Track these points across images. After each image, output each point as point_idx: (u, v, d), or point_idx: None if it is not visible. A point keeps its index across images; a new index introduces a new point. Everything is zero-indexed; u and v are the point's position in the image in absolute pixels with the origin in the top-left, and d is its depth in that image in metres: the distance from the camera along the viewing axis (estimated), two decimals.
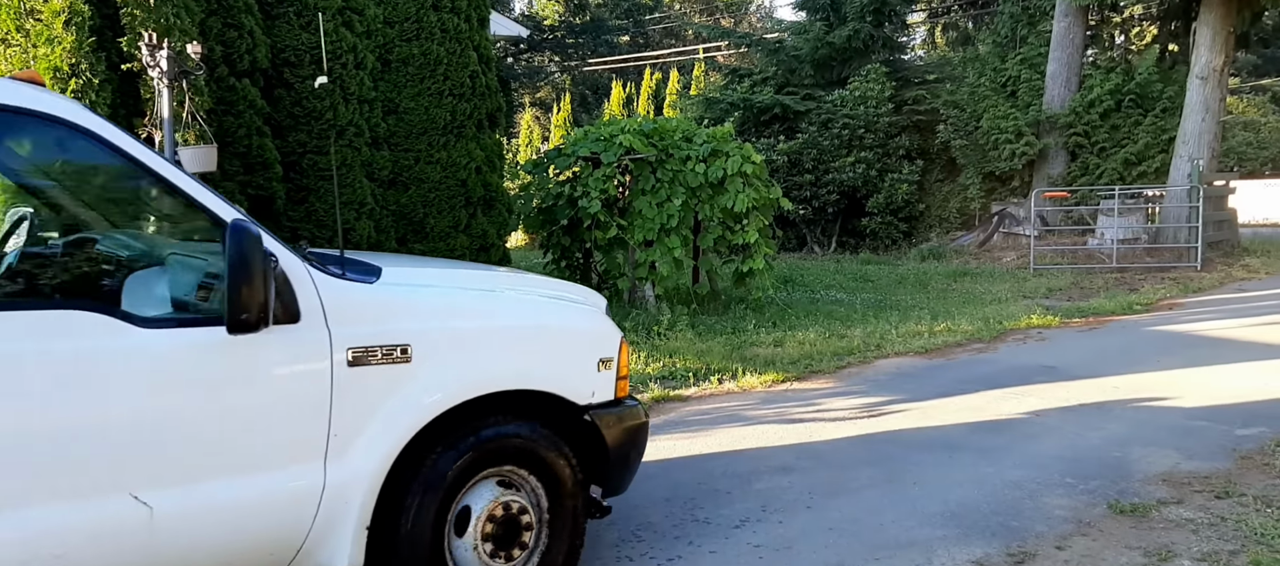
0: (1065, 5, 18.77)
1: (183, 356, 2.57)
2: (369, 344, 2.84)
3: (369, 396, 2.85)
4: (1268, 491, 4.65)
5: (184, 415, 2.57)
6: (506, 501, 3.16)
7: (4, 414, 2.32)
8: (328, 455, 2.79)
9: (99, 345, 2.44)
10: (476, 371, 3.09)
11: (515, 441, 3.18)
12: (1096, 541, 4.05)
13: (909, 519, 4.38)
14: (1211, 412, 6.32)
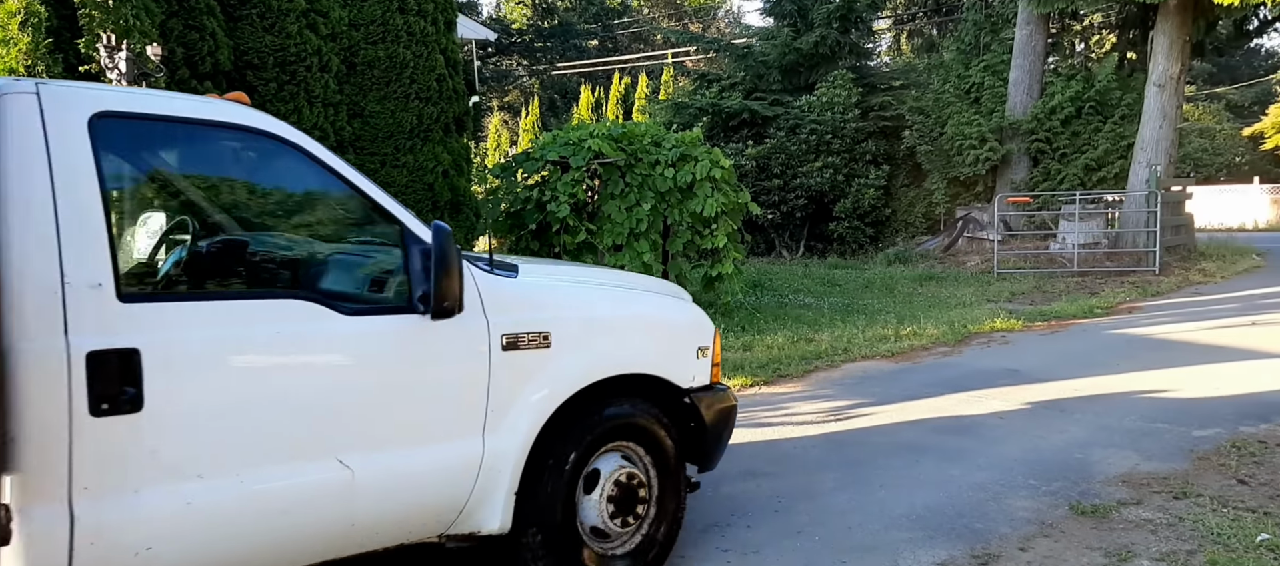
0: (1027, 13, 19.09)
1: (375, 340, 2.96)
2: (518, 331, 3.26)
3: (518, 377, 3.25)
4: (1224, 492, 4.75)
5: (377, 391, 2.97)
6: (628, 473, 3.59)
7: (244, 384, 2.71)
8: (485, 429, 3.20)
9: (312, 329, 2.83)
10: (603, 356, 3.52)
11: (631, 420, 3.59)
12: (1058, 542, 4.11)
13: (875, 522, 4.41)
14: (1169, 414, 6.45)
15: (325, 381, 2.89)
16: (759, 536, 4.24)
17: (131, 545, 2.51)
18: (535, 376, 3.30)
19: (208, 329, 2.67)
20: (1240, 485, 4.86)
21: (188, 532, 2.63)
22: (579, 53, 43.34)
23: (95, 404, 2.43)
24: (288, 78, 8.30)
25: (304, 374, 2.86)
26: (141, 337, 2.51)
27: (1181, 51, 16.78)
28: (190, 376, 2.62)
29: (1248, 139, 34.76)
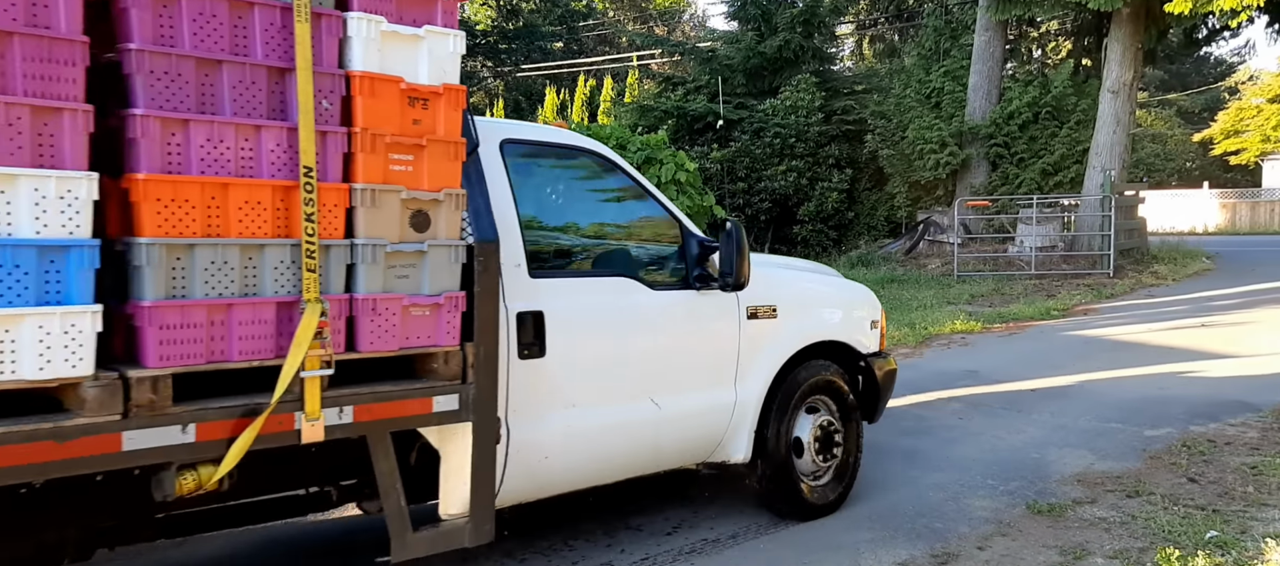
0: (986, 20, 19.38)
1: (669, 308, 4.01)
2: (757, 304, 4.28)
3: (756, 340, 4.27)
4: (1175, 490, 4.86)
5: (672, 347, 4.02)
6: (826, 419, 4.56)
7: (606, 341, 3.78)
8: (736, 380, 4.23)
9: (635, 299, 3.89)
10: (811, 327, 4.54)
11: (826, 377, 4.57)
12: (1016, 541, 4.18)
13: (837, 522, 4.45)
14: (1123, 414, 6.59)
15: (643, 337, 3.93)
16: (722, 538, 4.26)
17: (538, 454, 3.49)
18: (767, 340, 4.33)
19: (578, 297, 3.70)
20: (1190, 483, 4.98)
21: (570, 449, 3.63)
22: (544, 54, 43.19)
23: (520, 351, 3.40)
24: None
25: (631, 332, 3.88)
26: (544, 303, 3.49)
27: (1134, 59, 17.16)
28: (571, 331, 3.58)
29: (1198, 144, 35.68)
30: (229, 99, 2.60)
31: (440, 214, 3.01)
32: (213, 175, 2.55)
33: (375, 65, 2.84)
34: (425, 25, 2.95)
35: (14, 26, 2.22)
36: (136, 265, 2.44)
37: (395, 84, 2.88)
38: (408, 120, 2.93)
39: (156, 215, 2.45)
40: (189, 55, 2.52)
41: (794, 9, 23.12)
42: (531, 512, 4.52)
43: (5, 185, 2.19)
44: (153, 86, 2.46)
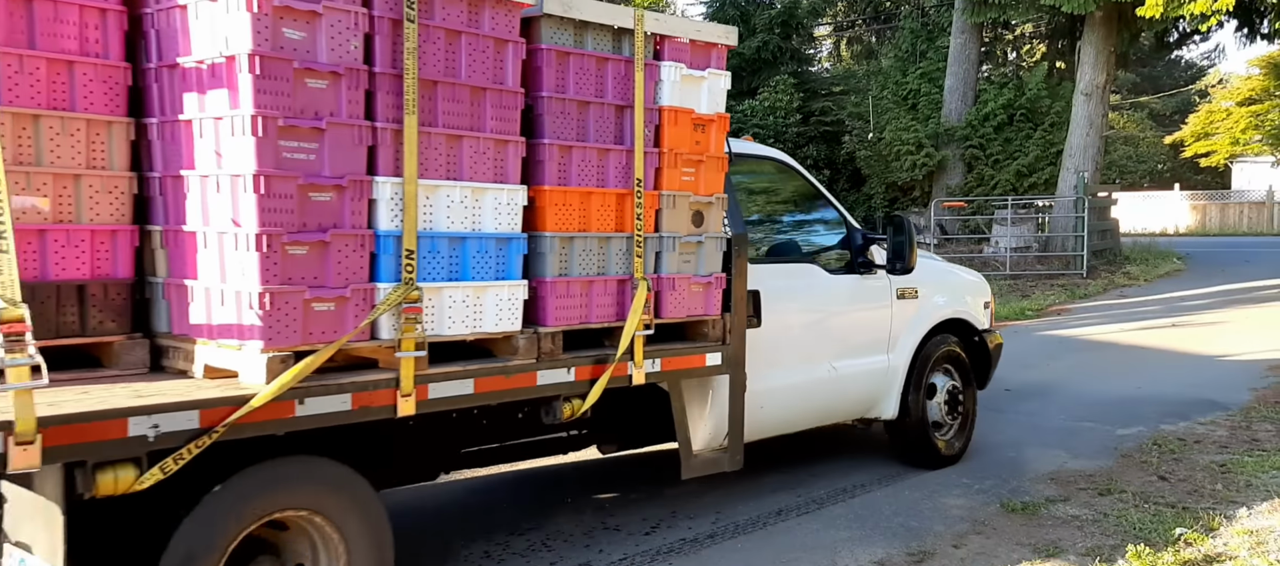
0: (961, 22, 19.57)
1: (840, 288, 4.95)
2: (904, 287, 5.18)
3: (903, 316, 5.19)
4: (1146, 488, 4.93)
5: (843, 320, 4.94)
6: (952, 385, 5.46)
7: (802, 316, 4.71)
8: (888, 349, 5.13)
9: (818, 281, 4.85)
10: (942, 306, 5.44)
11: (952, 349, 5.47)
12: (990, 539, 4.22)
13: (814, 522, 4.48)
14: (1095, 413, 6.67)
15: (824, 313, 4.85)
16: (700, 537, 4.27)
17: (756, 404, 4.30)
18: (911, 317, 5.23)
19: (780, 279, 4.54)
20: (1161, 481, 5.05)
21: (776, 401, 4.52)
22: None
23: (748, 321, 4.18)
24: None
25: (816, 308, 4.81)
26: (760, 284, 4.29)
27: (1107, 62, 17.38)
28: (776, 306, 4.43)
29: (1169, 147, 36.16)
30: (593, 130, 3.48)
31: (711, 213, 3.91)
32: (583, 186, 3.45)
33: (677, 101, 3.72)
34: (707, 69, 3.83)
35: (487, 84, 3.13)
36: (540, 252, 3.35)
37: (688, 114, 3.77)
38: (693, 141, 3.81)
39: (553, 216, 3.35)
40: (572, 99, 3.41)
41: (772, 10, 23.22)
42: (508, 511, 4.51)
43: (478, 195, 3.12)
44: (552, 122, 3.35)
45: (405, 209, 2.90)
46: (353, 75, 2.80)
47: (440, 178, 3.03)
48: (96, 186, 2.81)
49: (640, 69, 3.54)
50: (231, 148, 2.68)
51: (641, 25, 3.56)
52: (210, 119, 2.75)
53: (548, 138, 3.33)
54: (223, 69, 2.70)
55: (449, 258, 3.06)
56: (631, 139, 3.55)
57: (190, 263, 2.88)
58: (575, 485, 5.07)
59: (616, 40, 3.52)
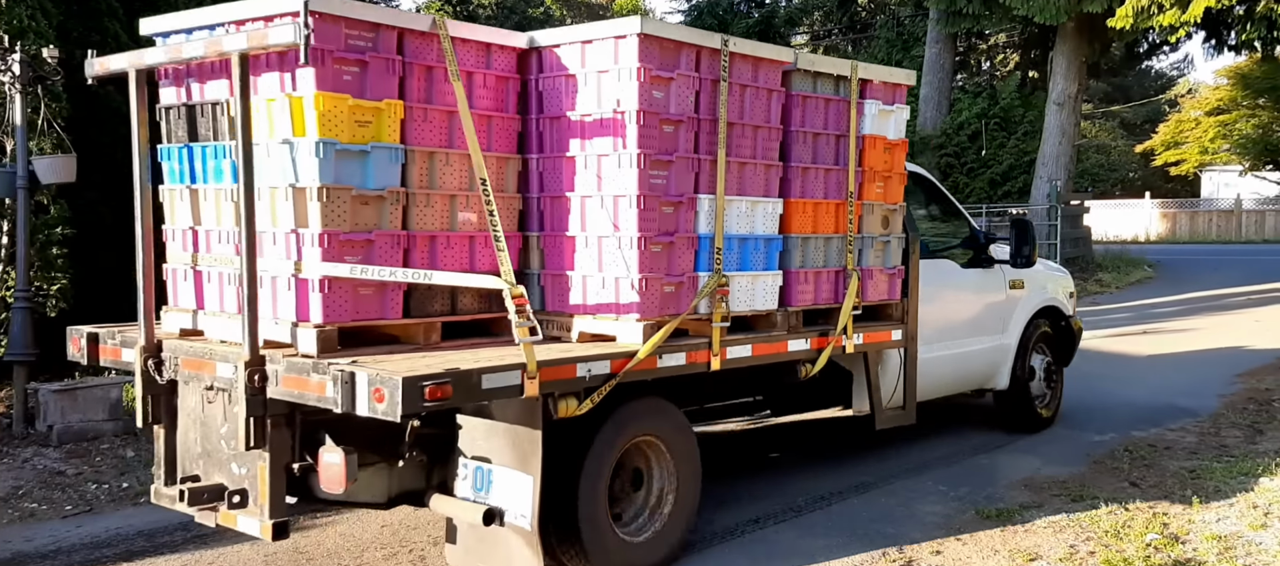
0: (936, 32, 19.80)
1: (968, 279, 6.00)
2: (1014, 278, 6.24)
3: (1015, 303, 6.28)
4: (1117, 494, 5.00)
5: (970, 306, 5.98)
6: (1047, 361, 6.59)
7: (943, 302, 5.64)
8: (1003, 332, 6.18)
9: (952, 272, 5.87)
10: (1042, 295, 6.53)
11: (1046, 332, 6.55)
12: (966, 545, 4.27)
13: (792, 529, 4.50)
14: (1068, 420, 6.76)
15: (958, 299, 5.89)
16: (678, 544, 4.28)
17: (919, 371, 5.26)
18: (1020, 303, 6.32)
19: (927, 270, 5.36)
20: (1132, 487, 5.13)
21: (928, 371, 5.39)
22: None
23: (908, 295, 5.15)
24: None
25: (953, 295, 5.83)
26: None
27: (1079, 72, 17.64)
28: (927, 293, 5.30)
29: (1140, 155, 36.71)
30: (821, 155, 4.56)
31: (895, 218, 4.98)
32: (814, 198, 4.52)
33: (874, 130, 4.76)
34: (894, 104, 4.87)
35: (761, 123, 4.26)
36: (788, 249, 4.42)
37: (882, 140, 4.81)
38: (883, 161, 4.83)
39: (796, 221, 4.45)
40: (809, 132, 4.49)
41: (749, 19, 23.40)
42: None
43: (754, 206, 4.25)
44: (797, 149, 4.44)
45: (716, 218, 4.07)
46: (689, 122, 3.98)
47: (733, 194, 4.16)
48: (502, 206, 3.81)
49: (854, 106, 4.63)
50: (615, 176, 3.82)
51: (856, 73, 4.66)
52: (594, 156, 3.89)
53: (794, 161, 4.43)
54: (611, 121, 3.82)
55: (737, 254, 4.22)
56: (845, 160, 4.65)
57: (567, 259, 4.00)
58: None
59: (836, 85, 4.62)
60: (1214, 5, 13.56)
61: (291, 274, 3.47)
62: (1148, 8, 14.16)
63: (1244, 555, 4.02)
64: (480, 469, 3.65)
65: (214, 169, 3.78)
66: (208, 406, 3.65)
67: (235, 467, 3.55)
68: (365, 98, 3.47)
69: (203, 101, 3.81)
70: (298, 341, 3.43)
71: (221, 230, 3.77)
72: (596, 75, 3.85)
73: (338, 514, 4.59)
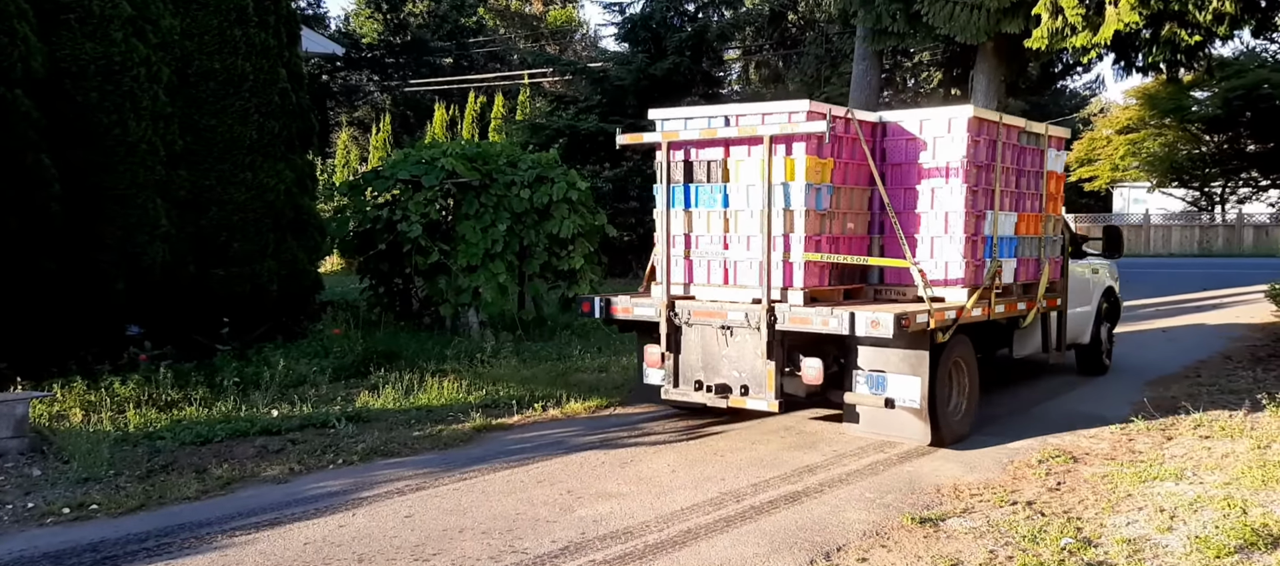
0: (863, 49, 20.25)
1: (1075, 266, 8.51)
2: (1094, 265, 9.32)
3: (1095, 282, 9.24)
4: (1036, 498, 5.17)
5: (1077, 284, 8.55)
6: (1108, 325, 9.52)
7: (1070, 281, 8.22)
8: (1089, 303, 9.04)
9: (1069, 262, 8.19)
10: (1107, 280, 9.49)
11: (1106, 305, 9.38)
12: (893, 552, 4.36)
13: (724, 538, 4.53)
14: (989, 427, 6.97)
15: (1073, 280, 8.27)
16: (612, 558, 4.27)
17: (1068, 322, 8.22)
18: (1097, 283, 9.20)
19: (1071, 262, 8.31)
20: (1050, 493, 5.31)
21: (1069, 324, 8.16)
22: (433, 70, 42.49)
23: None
24: (112, 88, 7.72)
25: (1071, 276, 8.19)
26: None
27: (998, 90, 18.26)
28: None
29: None
30: (1030, 184, 7.17)
31: (1059, 224, 7.70)
32: (1027, 212, 7.11)
33: (1052, 167, 7.47)
34: (1062, 149, 7.70)
35: (1010, 166, 6.94)
36: (1017, 245, 6.96)
37: (1055, 174, 7.52)
38: (1055, 187, 7.54)
39: (1021, 227, 7.04)
40: (1027, 170, 7.12)
41: (682, 33, 23.55)
42: None
43: (1007, 217, 6.85)
44: (1022, 180, 7.08)
45: (994, 225, 6.66)
46: (985, 167, 6.58)
47: (1001, 210, 6.76)
48: (855, 220, 6.61)
49: (1047, 152, 7.38)
50: (946, 199, 6.44)
51: (1047, 131, 7.38)
52: (929, 188, 6.52)
53: (1021, 189, 7.09)
54: (944, 166, 6.45)
55: (1000, 248, 6.73)
56: (1040, 187, 7.34)
57: (902, 251, 6.35)
58: (481, 510, 5.01)
59: (1036, 139, 7.25)
60: (1122, 28, 14.21)
61: (782, 259, 6.18)
62: (1061, 29, 14.76)
63: (1152, 557, 4.20)
64: (874, 376, 6.18)
65: (707, 198, 6.51)
66: (715, 338, 6.32)
67: (735, 374, 6.24)
68: (821, 157, 6.20)
69: (698, 159, 6.53)
70: (788, 299, 6.16)
71: (710, 235, 6.53)
72: (933, 138, 6.53)
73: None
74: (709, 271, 6.54)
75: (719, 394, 6.20)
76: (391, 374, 8.37)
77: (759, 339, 6.00)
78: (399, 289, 11.55)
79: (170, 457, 6.00)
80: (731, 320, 6.14)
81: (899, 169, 6.64)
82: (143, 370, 7.67)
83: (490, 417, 7.17)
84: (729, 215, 6.37)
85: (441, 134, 32.04)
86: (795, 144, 6.07)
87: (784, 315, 6.00)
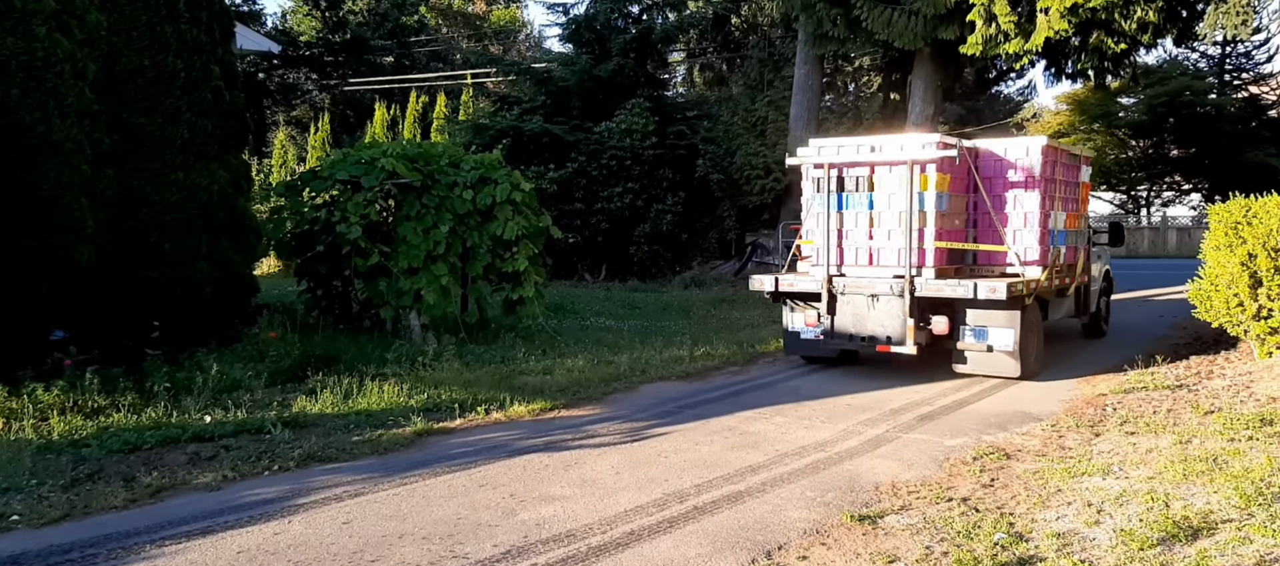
0: (804, 53, 20.54)
1: (1098, 252, 11.70)
2: (1099, 250, 11.69)
3: (1100, 266, 11.75)
4: (971, 495, 5.30)
5: (1103, 260, 12.06)
6: (1107, 299, 12.45)
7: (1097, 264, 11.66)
8: (1099, 280, 11.78)
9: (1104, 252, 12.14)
10: (1107, 261, 12.22)
11: (1107, 284, 12.28)
12: (832, 550, 4.43)
13: (666, 539, 4.55)
14: (926, 425, 7.12)
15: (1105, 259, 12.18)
16: (554, 561, 4.25)
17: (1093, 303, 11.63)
18: (1100, 268, 11.74)
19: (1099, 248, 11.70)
20: (984, 489, 5.45)
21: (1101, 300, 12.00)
22: (373, 69, 41.82)
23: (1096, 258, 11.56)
24: (35, 85, 7.44)
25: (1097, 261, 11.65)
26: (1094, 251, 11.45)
27: (935, 95, 18.69)
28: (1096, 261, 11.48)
29: None
30: (1072, 191, 10.11)
31: (1086, 220, 10.68)
32: (1070, 212, 9.99)
33: (1084, 179, 10.48)
34: (1088, 165, 10.69)
35: (1063, 178, 9.82)
36: (1063, 237, 9.80)
37: (1086, 184, 10.59)
38: (1085, 193, 10.61)
39: (1067, 222, 9.90)
40: (1063, 181, 9.79)
41: (626, 35, 23.60)
42: None
43: (1059, 216, 9.67)
44: (1060, 190, 9.69)
45: (1052, 222, 9.31)
46: (1050, 179, 9.31)
47: (1058, 210, 9.50)
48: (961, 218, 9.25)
49: (1082, 168, 10.22)
50: (1027, 203, 9.11)
51: (1084, 151, 10.30)
52: (1013, 195, 9.17)
53: (1067, 195, 9.71)
54: (1023, 180, 9.11)
55: (1058, 239, 9.39)
56: (1078, 194, 10.05)
57: (991, 242, 9.19)
58: (422, 515, 4.94)
59: (1074, 158, 9.97)
60: (1053, 36, 14.66)
61: (917, 246, 8.61)
62: (995, 36, 15.16)
63: (1080, 551, 4.33)
64: (977, 330, 8.68)
65: (856, 203, 8.98)
66: (863, 304, 8.87)
67: (880, 330, 8.77)
68: (944, 173, 8.68)
69: (849, 175, 8.99)
70: (923, 274, 8.61)
71: (858, 230, 8.98)
72: (1016, 158, 9.15)
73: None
74: (856, 256, 9.03)
75: (868, 344, 8.90)
76: (330, 378, 8.21)
77: (902, 303, 8.61)
78: (338, 291, 11.35)
79: (96, 466, 5.80)
80: (877, 290, 8.76)
81: (989, 181, 9.24)
82: (68, 376, 7.40)
83: (432, 422, 7.09)
84: (873, 215, 8.88)
85: (382, 134, 31.57)
86: (929, 165, 8.60)
87: (922, 285, 8.55)
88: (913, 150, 8.57)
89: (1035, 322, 9.10)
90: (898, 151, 8.62)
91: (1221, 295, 8.78)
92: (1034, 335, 9.06)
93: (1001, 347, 8.56)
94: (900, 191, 8.64)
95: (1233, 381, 8.16)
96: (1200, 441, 6.10)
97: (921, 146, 8.56)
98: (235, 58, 10.28)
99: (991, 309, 8.45)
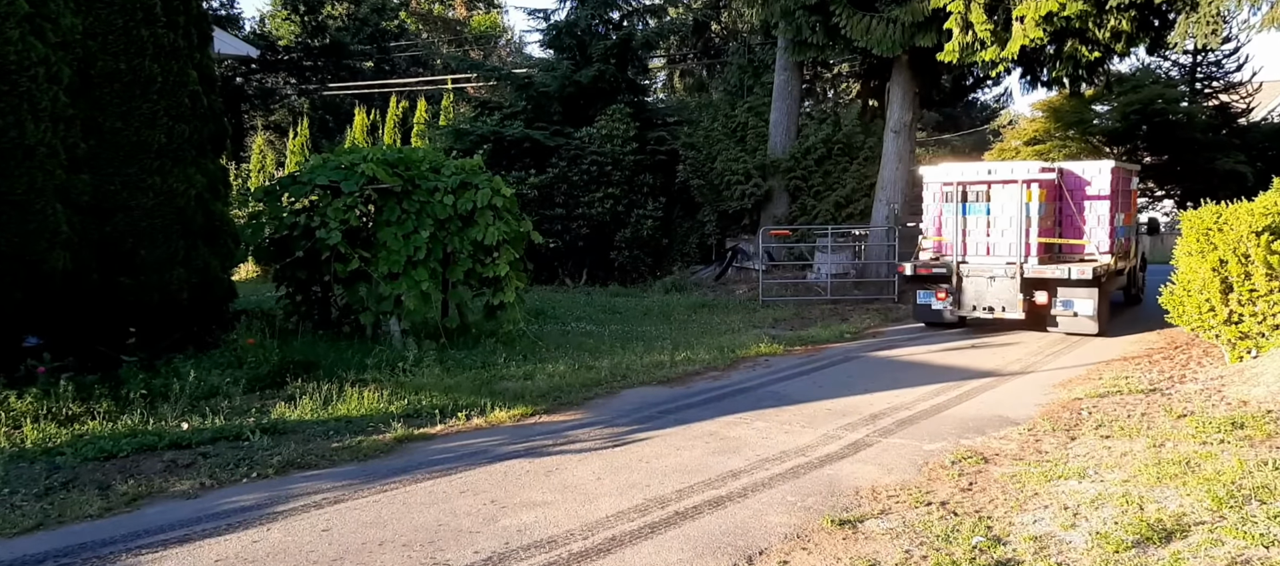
0: (784, 60, 20.66)
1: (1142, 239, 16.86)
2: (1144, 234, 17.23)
3: (1141, 248, 16.52)
4: (950, 499, 5.35)
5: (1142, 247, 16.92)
6: (1143, 274, 16.53)
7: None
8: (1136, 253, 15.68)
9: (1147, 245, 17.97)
10: (1145, 246, 17.19)
11: (1143, 262, 16.69)
12: (813, 554, 4.45)
13: (649, 545, 4.56)
14: (905, 430, 7.18)
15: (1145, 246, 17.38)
16: None
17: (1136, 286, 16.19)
18: (1139, 252, 15.99)
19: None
20: (962, 493, 5.50)
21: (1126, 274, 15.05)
22: (353, 73, 41.59)
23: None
24: (8, 88, 7.35)
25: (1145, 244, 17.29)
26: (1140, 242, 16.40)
27: (913, 102, 18.85)
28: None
29: None
30: (1126, 202, 13.98)
31: (1137, 216, 15.45)
32: (1126, 212, 13.94)
33: (1134, 186, 15.10)
34: (1138, 176, 16.27)
35: (1121, 190, 13.58)
36: (1123, 232, 13.77)
37: (1135, 190, 15.26)
38: (1135, 198, 15.14)
39: (1125, 220, 14.05)
40: (1123, 190, 13.67)
41: (607, 41, 23.63)
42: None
43: (1119, 214, 13.33)
44: (1122, 198, 13.59)
45: (1119, 221, 13.10)
46: (1116, 191, 13.04)
47: (1121, 212, 13.23)
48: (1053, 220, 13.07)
49: (1133, 179, 14.64)
50: (1100, 210, 12.88)
51: (1134, 166, 16.05)
52: (1091, 203, 12.93)
53: (1124, 198, 13.62)
54: (1098, 192, 12.92)
55: (1121, 233, 13.26)
56: (1132, 198, 14.36)
57: (1074, 238, 12.98)
58: (403, 522, 4.92)
59: (1130, 171, 14.38)
60: (1028, 44, 14.83)
61: (1022, 243, 12.32)
62: (971, 44, 15.32)
63: (1057, 554, 4.39)
64: (1066, 301, 12.19)
65: (976, 210, 12.73)
66: (983, 283, 12.55)
67: (996, 303, 12.49)
68: (1042, 188, 12.45)
69: (968, 189, 12.75)
70: (1027, 261, 12.29)
71: (978, 229, 12.74)
72: (1092, 177, 12.87)
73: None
74: (976, 249, 12.70)
75: (987, 311, 12.48)
76: (309, 384, 8.16)
77: (1014, 283, 12.20)
78: (317, 297, 11.27)
79: (71, 474, 5.73)
80: (995, 273, 12.36)
81: (1072, 193, 12.86)
82: (41, 383, 7.30)
83: (412, 428, 7.06)
84: (990, 219, 12.59)
85: (362, 139, 31.39)
86: (1033, 184, 12.37)
87: (1028, 269, 12.15)
88: (1021, 172, 12.46)
89: (1106, 294, 12.59)
90: (1009, 173, 12.59)
91: (1194, 301, 8.92)
92: (1105, 304, 12.50)
93: (1084, 314, 12.04)
94: (1012, 202, 12.37)
95: (1205, 385, 8.28)
96: (1173, 445, 6.19)
97: (1027, 170, 12.49)
98: (213, 62, 10.22)
99: (1078, 286, 11.95)
